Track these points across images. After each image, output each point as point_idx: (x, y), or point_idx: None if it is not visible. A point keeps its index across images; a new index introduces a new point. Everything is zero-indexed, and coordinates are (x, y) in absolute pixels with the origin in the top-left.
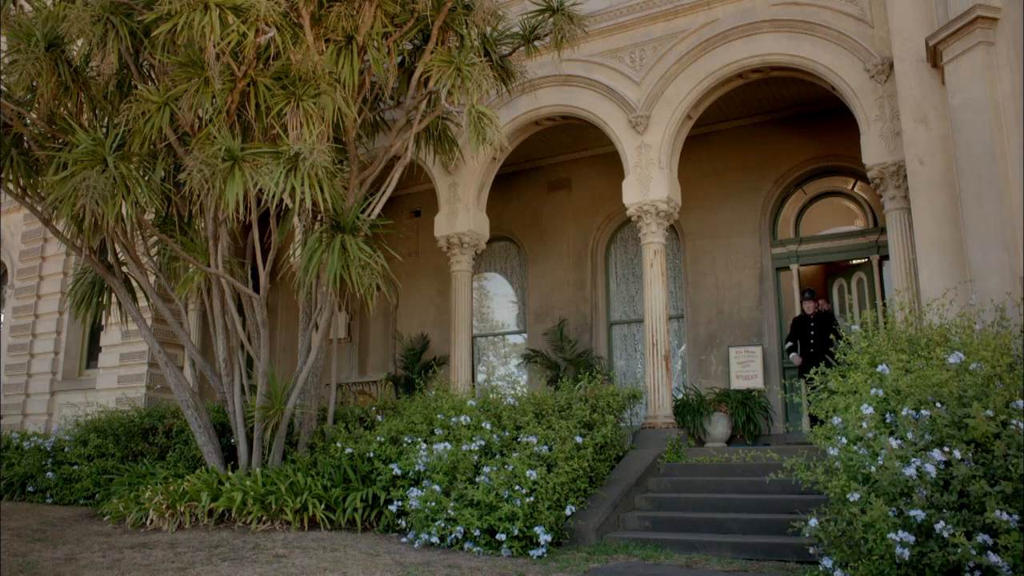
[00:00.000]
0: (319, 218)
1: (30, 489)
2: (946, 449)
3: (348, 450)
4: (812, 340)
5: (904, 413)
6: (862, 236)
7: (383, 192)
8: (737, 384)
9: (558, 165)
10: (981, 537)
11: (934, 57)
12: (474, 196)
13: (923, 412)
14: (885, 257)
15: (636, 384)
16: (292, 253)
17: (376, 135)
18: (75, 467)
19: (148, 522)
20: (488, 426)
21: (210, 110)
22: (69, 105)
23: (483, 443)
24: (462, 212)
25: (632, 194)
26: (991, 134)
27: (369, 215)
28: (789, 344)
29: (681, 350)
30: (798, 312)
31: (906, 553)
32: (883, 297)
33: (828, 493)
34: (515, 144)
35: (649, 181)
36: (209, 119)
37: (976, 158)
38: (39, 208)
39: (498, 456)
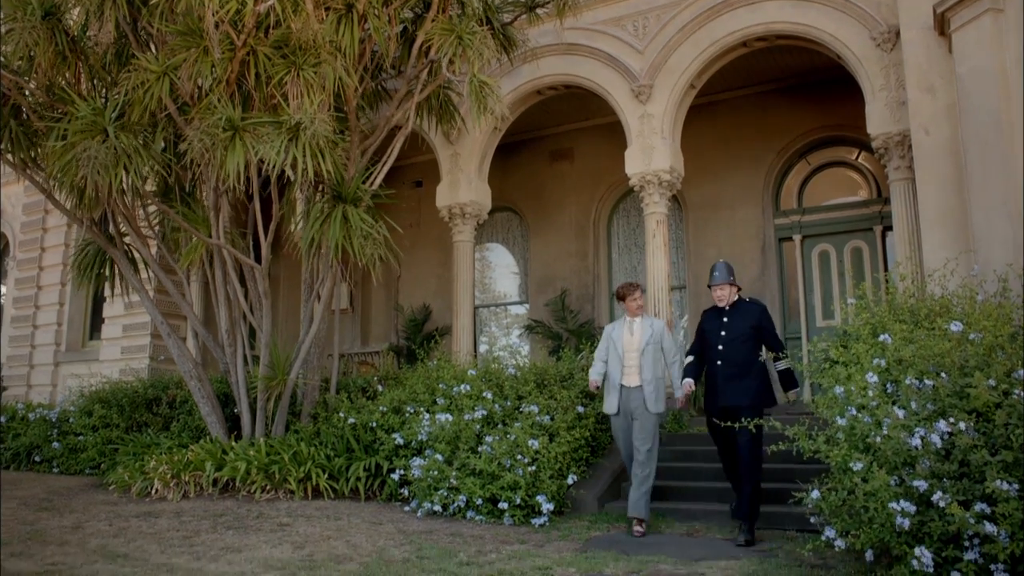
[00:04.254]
0: (321, 188)
1: (36, 459)
2: (951, 420)
3: (351, 420)
4: (722, 349)
5: (907, 382)
6: (866, 207)
7: (385, 162)
8: None
9: (560, 135)
10: (980, 506)
11: (941, 25)
12: (476, 166)
13: (926, 382)
14: (889, 228)
15: None
16: (294, 224)
17: (377, 105)
18: (80, 437)
19: (153, 491)
20: (490, 396)
21: (210, 80)
22: (67, 75)
23: (485, 413)
24: (464, 182)
25: (635, 164)
26: (998, 103)
27: (371, 185)
28: (689, 358)
29: (683, 320)
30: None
31: (906, 523)
32: (886, 268)
33: (830, 462)
34: (517, 114)
35: (652, 151)
36: (209, 89)
37: (982, 127)
38: (39, 179)
39: (500, 426)
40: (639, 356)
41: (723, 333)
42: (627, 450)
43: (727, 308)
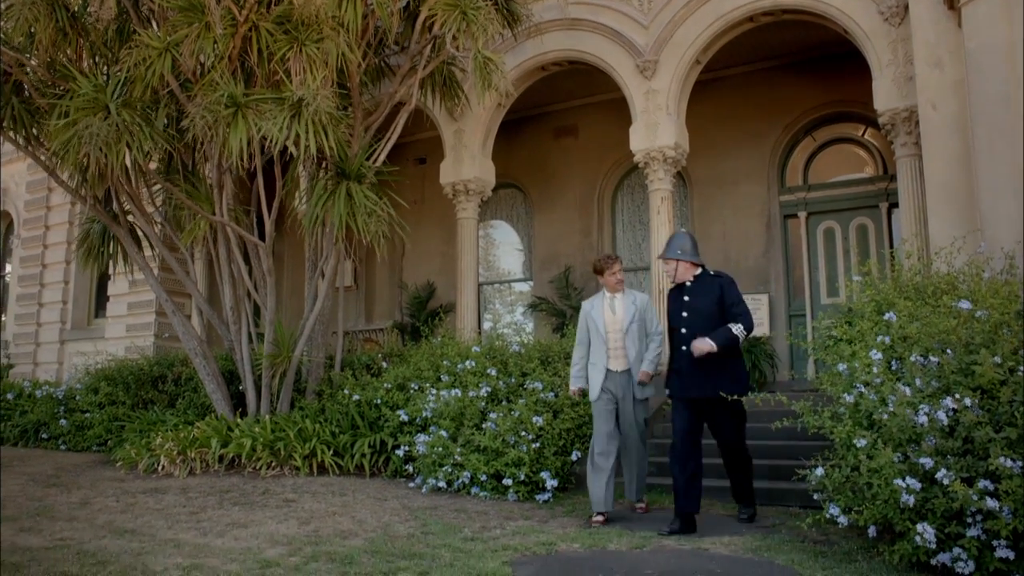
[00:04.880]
0: (324, 165)
1: (44, 436)
2: (956, 397)
3: (355, 397)
4: (685, 333)
5: (912, 359)
6: (871, 184)
7: (388, 139)
8: None
9: (565, 111)
10: (983, 483)
11: None
12: (480, 143)
13: (931, 359)
14: (895, 205)
15: None
16: (297, 201)
17: (381, 81)
18: (87, 415)
19: (160, 468)
20: (494, 372)
21: (212, 56)
22: (69, 52)
23: (489, 390)
24: (468, 159)
25: (639, 140)
26: (1007, 79)
27: (374, 162)
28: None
29: None
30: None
31: (911, 499)
32: (891, 245)
33: (835, 438)
34: (521, 90)
35: (656, 127)
36: (211, 65)
37: (991, 103)
38: (42, 157)
39: (504, 402)
40: (623, 336)
41: (684, 314)
42: (605, 440)
43: (688, 285)
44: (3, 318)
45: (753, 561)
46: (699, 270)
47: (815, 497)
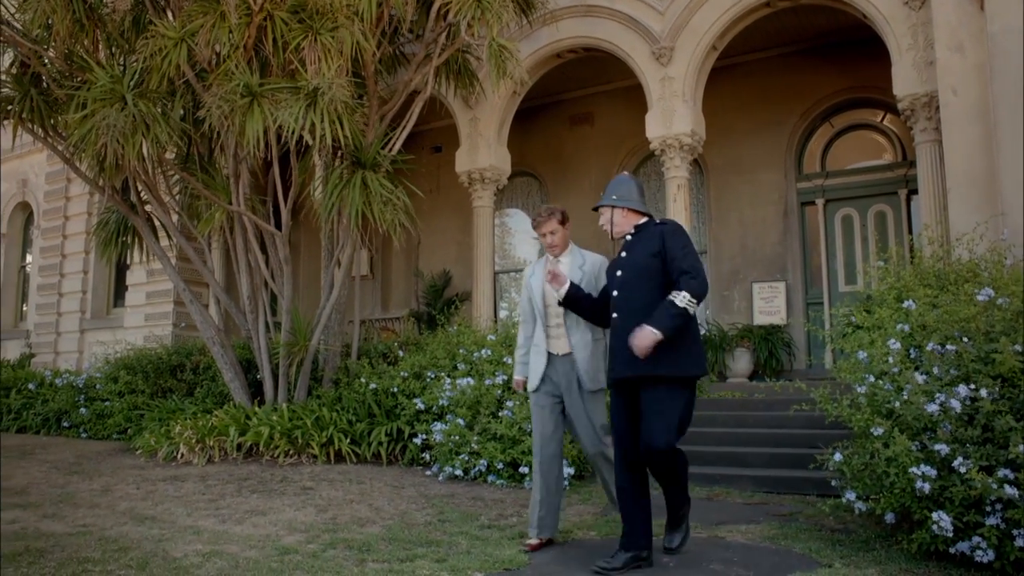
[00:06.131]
0: (339, 154)
1: (65, 424)
2: (972, 386)
3: (372, 385)
4: (617, 296)
5: (929, 348)
6: (890, 170)
7: (403, 127)
8: (760, 320)
9: (580, 99)
10: (1003, 471)
11: None
12: (495, 131)
13: (949, 347)
14: (914, 191)
15: None
16: (313, 190)
17: (396, 69)
18: (107, 403)
19: (179, 456)
20: (510, 361)
21: (227, 45)
22: (85, 43)
23: (505, 378)
24: (483, 147)
25: (655, 128)
26: None
27: (390, 151)
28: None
29: None
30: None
31: (927, 487)
32: (911, 232)
33: (853, 427)
34: (536, 78)
35: (673, 114)
36: (227, 55)
37: (1013, 88)
38: (60, 148)
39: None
40: (564, 310)
41: (619, 273)
42: (541, 447)
43: (629, 239)
44: (25, 308)
45: (770, 549)
46: (643, 220)
47: (833, 484)
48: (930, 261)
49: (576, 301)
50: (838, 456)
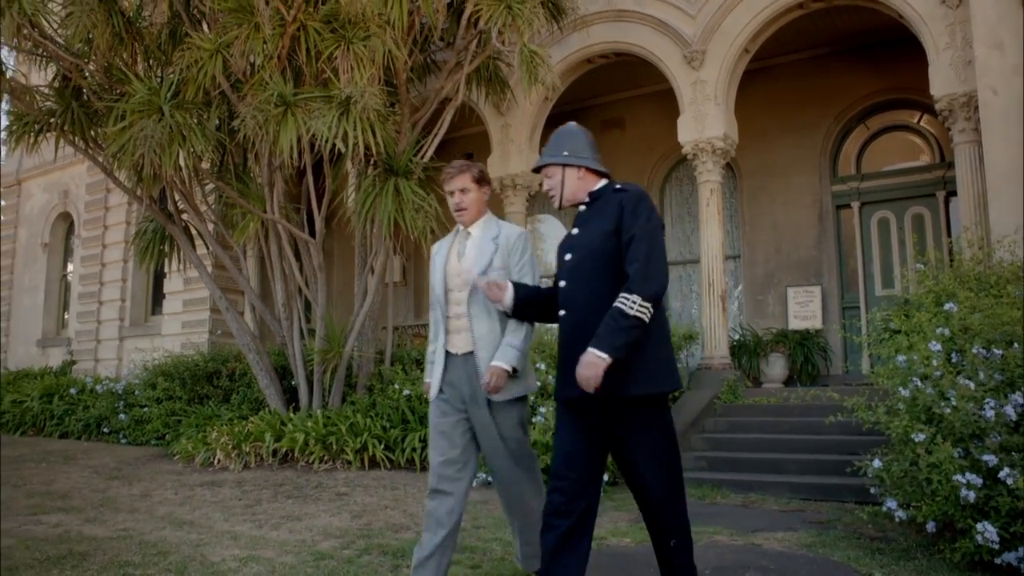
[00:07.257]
0: (372, 162)
1: (105, 430)
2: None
3: (406, 392)
4: (564, 288)
5: (974, 352)
6: (928, 172)
7: (435, 135)
8: (795, 324)
9: (611, 104)
10: None
11: None
12: (527, 137)
13: (994, 351)
14: (952, 193)
15: (691, 325)
16: (346, 197)
17: (427, 77)
18: (145, 409)
19: (215, 461)
20: (543, 367)
21: (261, 56)
22: (124, 56)
23: (539, 384)
24: (515, 154)
25: (687, 132)
26: None
27: (422, 158)
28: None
29: (738, 290)
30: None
31: (972, 496)
32: (949, 235)
33: (891, 433)
34: (567, 83)
35: (705, 118)
36: (261, 65)
37: None
38: (100, 159)
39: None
40: (469, 298)
41: (568, 257)
42: (438, 470)
43: (584, 209)
44: (66, 316)
45: (807, 557)
46: (600, 184)
47: (872, 491)
48: (970, 264)
49: (529, 304)
50: (877, 463)
